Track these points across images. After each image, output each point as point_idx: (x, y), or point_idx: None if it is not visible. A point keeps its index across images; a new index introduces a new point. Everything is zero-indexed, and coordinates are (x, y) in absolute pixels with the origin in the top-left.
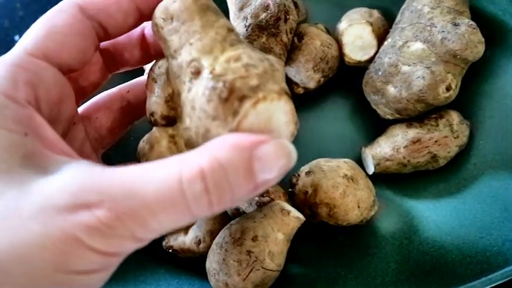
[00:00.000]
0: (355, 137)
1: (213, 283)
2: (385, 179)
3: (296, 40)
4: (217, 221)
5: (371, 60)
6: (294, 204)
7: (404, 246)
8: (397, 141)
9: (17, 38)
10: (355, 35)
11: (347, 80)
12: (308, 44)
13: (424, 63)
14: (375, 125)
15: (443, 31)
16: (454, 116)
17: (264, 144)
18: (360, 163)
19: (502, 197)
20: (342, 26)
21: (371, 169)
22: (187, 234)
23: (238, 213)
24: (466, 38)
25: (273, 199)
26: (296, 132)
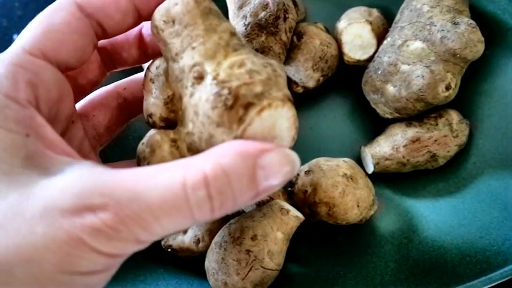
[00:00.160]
0: (354, 136)
1: (212, 282)
2: (385, 178)
3: (295, 39)
4: (216, 220)
5: (370, 59)
6: (293, 203)
7: (403, 245)
8: (397, 140)
9: (16, 37)
10: (354, 34)
11: (346, 79)
12: (307, 43)
13: (424, 62)
14: (374, 124)
15: (442, 30)
16: (454, 115)
17: (269, 152)
18: (360, 162)
19: (502, 196)
20: (341, 25)
21: (370, 168)
22: (186, 233)
23: (237, 212)
24: (466, 37)
25: (272, 198)
26: (296, 136)
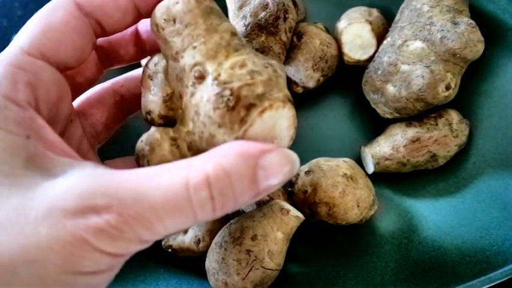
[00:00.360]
0: (354, 136)
1: (213, 282)
2: (385, 178)
3: (295, 39)
4: (216, 220)
5: (370, 59)
6: (294, 203)
7: (403, 245)
8: (397, 140)
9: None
10: (354, 34)
11: (346, 79)
12: (307, 43)
13: (424, 62)
14: (375, 124)
15: (442, 30)
16: (454, 115)
17: (269, 153)
18: (360, 162)
19: (502, 196)
20: (341, 25)
21: (370, 168)
22: (186, 233)
23: (237, 212)
24: (466, 37)
25: (273, 198)
26: (295, 135)
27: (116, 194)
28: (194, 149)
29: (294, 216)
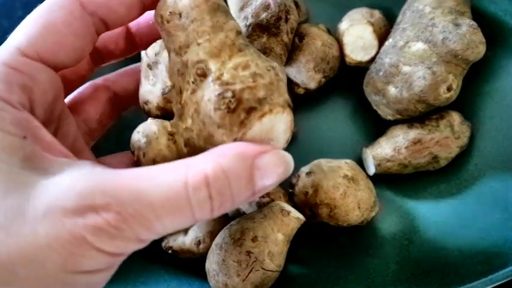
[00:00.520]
0: (355, 138)
1: (213, 284)
2: (386, 180)
3: (297, 40)
4: (217, 222)
5: (372, 60)
6: (294, 204)
7: (404, 246)
8: (398, 141)
9: None
10: (356, 35)
11: (348, 81)
12: (309, 44)
13: (425, 63)
14: (376, 126)
15: (444, 31)
16: (455, 117)
17: (265, 154)
18: (361, 164)
19: (503, 198)
20: (343, 26)
21: (372, 170)
22: (187, 234)
23: (238, 213)
24: (467, 38)
25: (273, 199)
26: (290, 138)
27: (115, 193)
28: (191, 146)
29: (295, 217)
